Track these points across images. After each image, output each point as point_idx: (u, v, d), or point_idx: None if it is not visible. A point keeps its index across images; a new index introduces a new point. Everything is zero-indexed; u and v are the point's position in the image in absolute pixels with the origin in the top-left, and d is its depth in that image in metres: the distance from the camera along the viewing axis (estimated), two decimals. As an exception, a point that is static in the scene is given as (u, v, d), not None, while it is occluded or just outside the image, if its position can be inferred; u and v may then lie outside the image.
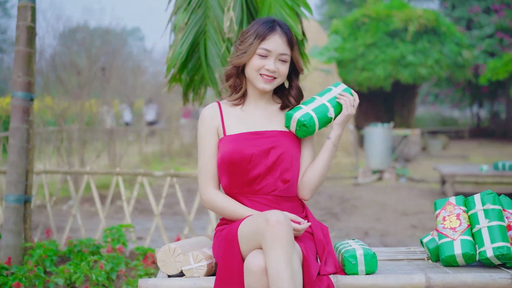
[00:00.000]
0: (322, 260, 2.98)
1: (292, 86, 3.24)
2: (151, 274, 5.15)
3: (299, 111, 3.11)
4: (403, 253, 3.51)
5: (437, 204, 3.30)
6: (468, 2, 28.79)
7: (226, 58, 4.96)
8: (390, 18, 21.17)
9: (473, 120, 35.19)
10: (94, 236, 6.83)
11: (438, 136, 23.91)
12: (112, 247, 5.53)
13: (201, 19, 5.04)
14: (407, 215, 9.56)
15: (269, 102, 3.23)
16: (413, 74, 21.01)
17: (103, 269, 4.86)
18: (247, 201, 3.07)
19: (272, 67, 3.07)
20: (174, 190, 9.73)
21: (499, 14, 26.12)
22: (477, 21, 27.82)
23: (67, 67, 11.36)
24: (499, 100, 32.75)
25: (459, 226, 3.15)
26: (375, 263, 2.99)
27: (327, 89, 3.23)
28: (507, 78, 23.82)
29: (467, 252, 3.08)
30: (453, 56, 21.53)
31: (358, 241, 3.21)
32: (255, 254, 2.75)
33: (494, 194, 3.18)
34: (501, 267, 3.13)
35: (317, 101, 3.16)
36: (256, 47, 3.09)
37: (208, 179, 3.14)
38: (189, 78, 5.13)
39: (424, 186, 13.31)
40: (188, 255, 3.03)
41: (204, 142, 3.16)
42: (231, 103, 3.20)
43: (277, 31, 3.10)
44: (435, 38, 21.45)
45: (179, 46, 5.01)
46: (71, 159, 10.96)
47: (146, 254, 5.61)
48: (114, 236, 5.66)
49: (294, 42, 3.13)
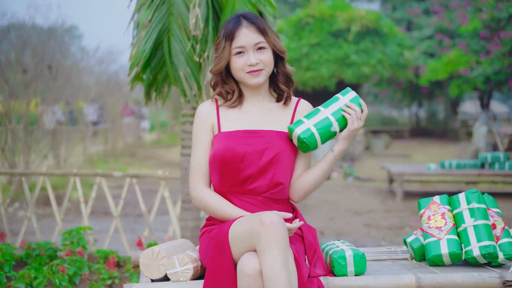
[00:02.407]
0: (312, 262, 2.91)
1: (278, 72, 3.12)
2: (115, 278, 5.02)
3: (300, 126, 2.96)
4: (384, 253, 3.48)
5: (421, 203, 3.28)
6: (408, 4, 29.27)
7: (191, 56, 4.87)
8: (334, 18, 21.32)
9: (411, 120, 35.76)
10: (49, 239, 6.62)
11: (381, 136, 24.22)
12: (72, 250, 5.38)
13: (165, 17, 4.94)
14: (359, 214, 9.61)
15: (266, 97, 3.13)
16: (356, 73, 21.22)
17: (66, 273, 4.71)
18: (237, 201, 2.98)
19: (253, 60, 2.98)
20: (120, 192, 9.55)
21: (438, 15, 26.59)
22: (417, 23, 28.29)
23: (13, 64, 11.02)
24: (436, 101, 33.37)
25: (445, 225, 3.14)
26: (364, 264, 2.95)
27: (334, 98, 3.07)
28: (446, 79, 24.26)
29: (454, 251, 3.07)
30: (395, 56, 21.85)
31: (344, 242, 3.17)
32: (249, 257, 2.67)
33: (479, 193, 3.18)
34: (486, 266, 3.13)
35: (321, 114, 3.00)
36: (229, 49, 3.02)
37: (199, 176, 3.04)
38: (152, 76, 5.02)
39: (372, 185, 13.44)
40: (173, 258, 2.93)
41: (198, 139, 3.06)
42: (228, 103, 3.10)
43: (243, 24, 3.01)
44: (378, 38, 21.72)
45: (142, 44, 4.89)
46: (15, 160, 10.65)
47: (108, 257, 5.48)
48: (73, 239, 5.51)
49: (265, 27, 3.01)
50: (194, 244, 5.10)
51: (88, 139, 15.87)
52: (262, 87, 3.10)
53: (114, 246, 6.74)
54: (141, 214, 9.39)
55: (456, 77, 23.21)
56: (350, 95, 3.05)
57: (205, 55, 4.84)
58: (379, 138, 23.11)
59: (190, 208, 5.17)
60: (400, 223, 8.89)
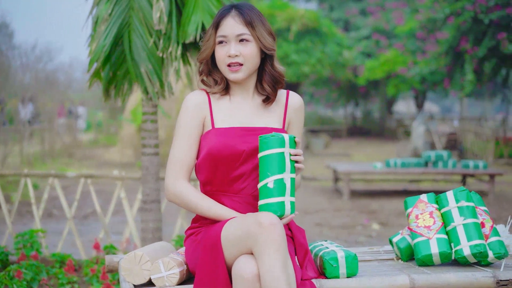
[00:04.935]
0: (304, 264, 2.79)
1: (265, 71, 2.94)
2: (74, 283, 4.82)
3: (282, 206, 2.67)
4: (367, 253, 3.40)
5: (408, 202, 3.20)
6: (345, 4, 29.54)
7: (153, 52, 4.71)
8: (274, 17, 21.34)
9: (347, 119, 36.14)
10: (-1, 242, 6.34)
11: (320, 135, 24.34)
12: (26, 254, 5.14)
13: (125, 11, 4.77)
14: (309, 214, 9.57)
15: (255, 93, 2.97)
16: (296, 72, 21.30)
17: (23, 278, 4.48)
18: (226, 200, 2.83)
19: (232, 51, 2.81)
20: (56, 193, 9.28)
21: (374, 16, 26.93)
22: (354, 23, 28.58)
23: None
24: (371, 100, 33.83)
25: (434, 225, 3.07)
26: (356, 265, 2.86)
27: (280, 156, 2.68)
28: (384, 78, 24.60)
29: (444, 251, 3.00)
30: (334, 55, 22.03)
31: (332, 242, 3.07)
32: (246, 260, 2.53)
33: (467, 191, 3.12)
34: (475, 265, 3.08)
35: (286, 180, 2.68)
36: (214, 37, 2.87)
37: (180, 169, 2.86)
38: (112, 73, 4.83)
39: (316, 184, 13.44)
40: (158, 262, 2.77)
41: (185, 130, 2.86)
42: (217, 95, 2.94)
43: (231, 13, 2.86)
44: (317, 38, 21.86)
45: (102, 39, 4.71)
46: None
47: (64, 260, 5.26)
48: (27, 242, 5.28)
49: (253, 20, 2.84)
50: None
51: (24, 139, 15.40)
52: (249, 83, 2.94)
53: (66, 249, 6.49)
54: (87, 215, 9.14)
55: (393, 77, 23.56)
56: (286, 141, 2.71)
57: (168, 51, 4.69)
58: (318, 137, 23.22)
59: (151, 209, 5.00)
60: (352, 222, 8.89)
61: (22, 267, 4.61)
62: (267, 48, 2.88)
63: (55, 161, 16.53)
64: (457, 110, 47.09)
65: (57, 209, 9.43)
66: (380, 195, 11.79)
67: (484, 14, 16.13)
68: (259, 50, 2.89)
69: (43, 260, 5.53)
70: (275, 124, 2.93)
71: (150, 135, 5.00)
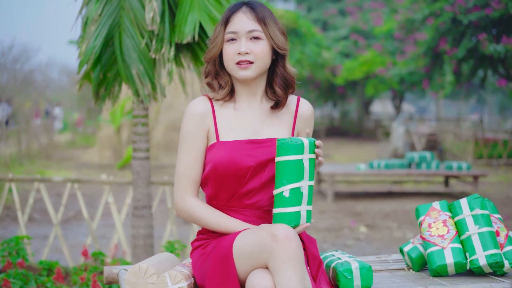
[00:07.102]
0: (317, 277, 2.65)
1: (276, 73, 2.78)
2: (64, 292, 4.65)
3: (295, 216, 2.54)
4: (376, 262, 3.28)
5: (420, 210, 3.09)
6: (323, 5, 29.50)
7: (145, 53, 4.57)
8: (253, 18, 21.25)
9: (323, 119, 36.12)
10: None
11: (299, 136, 24.25)
12: (12, 262, 4.96)
13: (116, 11, 4.62)
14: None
15: (264, 98, 2.80)
16: (276, 73, 21.22)
17: None
18: (236, 215, 2.68)
19: (243, 49, 2.65)
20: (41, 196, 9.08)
21: (353, 16, 26.93)
22: (333, 23, 28.54)
23: None
24: (348, 101, 33.84)
25: (448, 233, 2.97)
26: (371, 277, 2.74)
27: (299, 164, 2.54)
28: (362, 78, 24.60)
29: (459, 260, 2.90)
30: (313, 56, 21.97)
31: (344, 253, 2.94)
32: (261, 275, 2.39)
33: (481, 198, 3.02)
34: (490, 275, 2.98)
35: (304, 189, 2.55)
36: (222, 34, 2.72)
37: (188, 185, 2.72)
38: (102, 74, 4.68)
39: (299, 186, 13.32)
40: (164, 276, 2.63)
41: (190, 143, 2.71)
42: (221, 102, 2.77)
43: (242, 9, 2.71)
44: (296, 38, 21.80)
45: (92, 40, 4.56)
46: None
47: (52, 268, 5.09)
48: (12, 249, 5.10)
49: (266, 16, 2.69)
50: (146, 256, 4.82)
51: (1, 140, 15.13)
52: (257, 87, 2.77)
53: (51, 256, 6.31)
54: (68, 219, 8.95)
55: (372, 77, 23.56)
56: (305, 147, 2.55)
57: (161, 52, 4.55)
58: (297, 138, 23.13)
59: (143, 215, 4.85)
60: (338, 225, 8.80)
61: (10, 276, 4.45)
62: (280, 47, 2.73)
63: (33, 163, 16.25)
64: (433, 110, 47.34)
65: (38, 213, 9.22)
66: (364, 196, 11.72)
67: (463, 15, 16.11)
68: (271, 49, 2.74)
69: (30, 268, 5.35)
70: (283, 134, 2.77)
71: (141, 138, 4.85)
